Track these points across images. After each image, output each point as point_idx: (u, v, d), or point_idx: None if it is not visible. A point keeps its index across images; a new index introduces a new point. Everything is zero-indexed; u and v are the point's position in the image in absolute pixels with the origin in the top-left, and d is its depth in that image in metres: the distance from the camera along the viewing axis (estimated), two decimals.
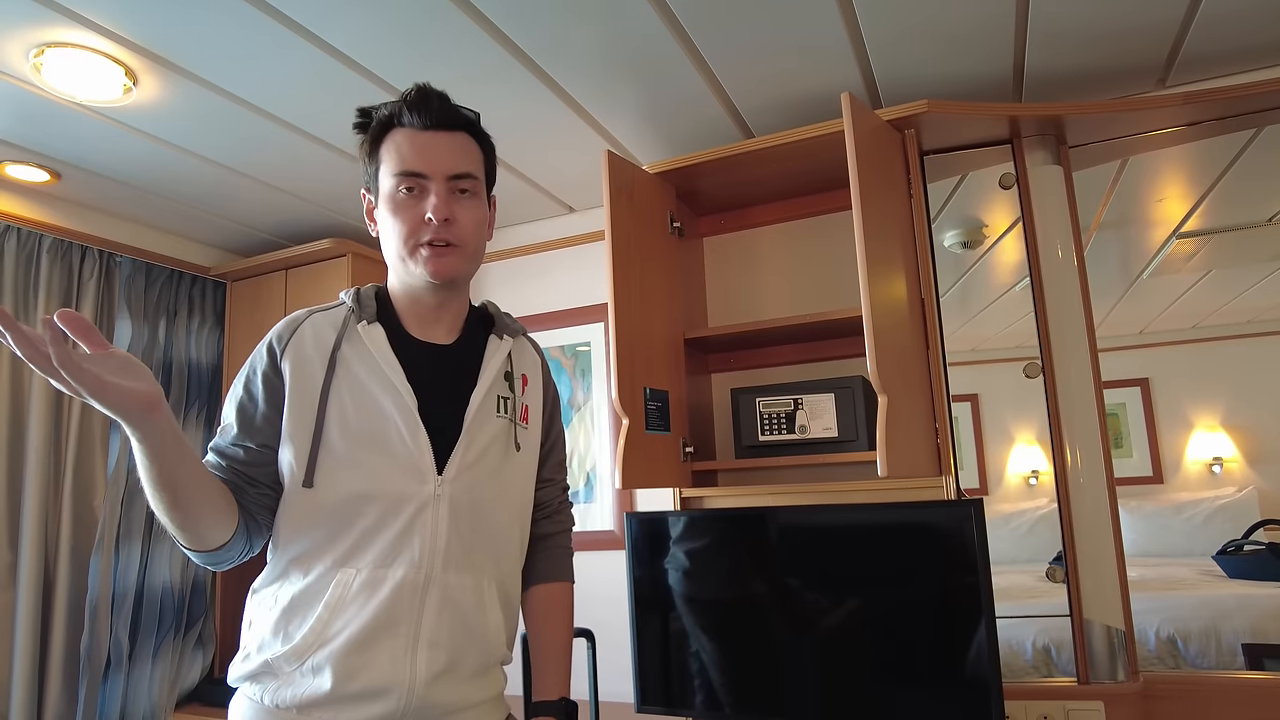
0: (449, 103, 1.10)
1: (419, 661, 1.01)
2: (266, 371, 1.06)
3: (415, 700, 1.00)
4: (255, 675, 1.02)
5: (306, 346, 1.06)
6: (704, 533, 1.87)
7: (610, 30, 1.68)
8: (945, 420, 1.75)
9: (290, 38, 1.64)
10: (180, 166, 2.21)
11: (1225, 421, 1.91)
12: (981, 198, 2.00)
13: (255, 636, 1.03)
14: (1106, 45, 1.81)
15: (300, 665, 0.99)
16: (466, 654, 1.05)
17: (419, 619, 1.02)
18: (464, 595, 1.06)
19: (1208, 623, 1.81)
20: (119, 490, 2.43)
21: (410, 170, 1.06)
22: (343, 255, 2.59)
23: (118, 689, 2.39)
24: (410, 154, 1.06)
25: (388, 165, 1.08)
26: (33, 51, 1.64)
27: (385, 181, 1.08)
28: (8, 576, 2.17)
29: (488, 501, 1.10)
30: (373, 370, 1.06)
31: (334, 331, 1.08)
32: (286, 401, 1.04)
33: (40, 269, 2.32)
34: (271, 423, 1.05)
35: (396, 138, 1.08)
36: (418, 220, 1.06)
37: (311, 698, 0.98)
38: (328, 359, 1.05)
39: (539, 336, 2.64)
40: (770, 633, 1.76)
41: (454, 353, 1.14)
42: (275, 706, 0.99)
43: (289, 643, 0.99)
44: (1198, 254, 1.97)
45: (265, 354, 1.07)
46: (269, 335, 1.09)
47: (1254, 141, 1.88)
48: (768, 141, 1.91)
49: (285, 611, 1.01)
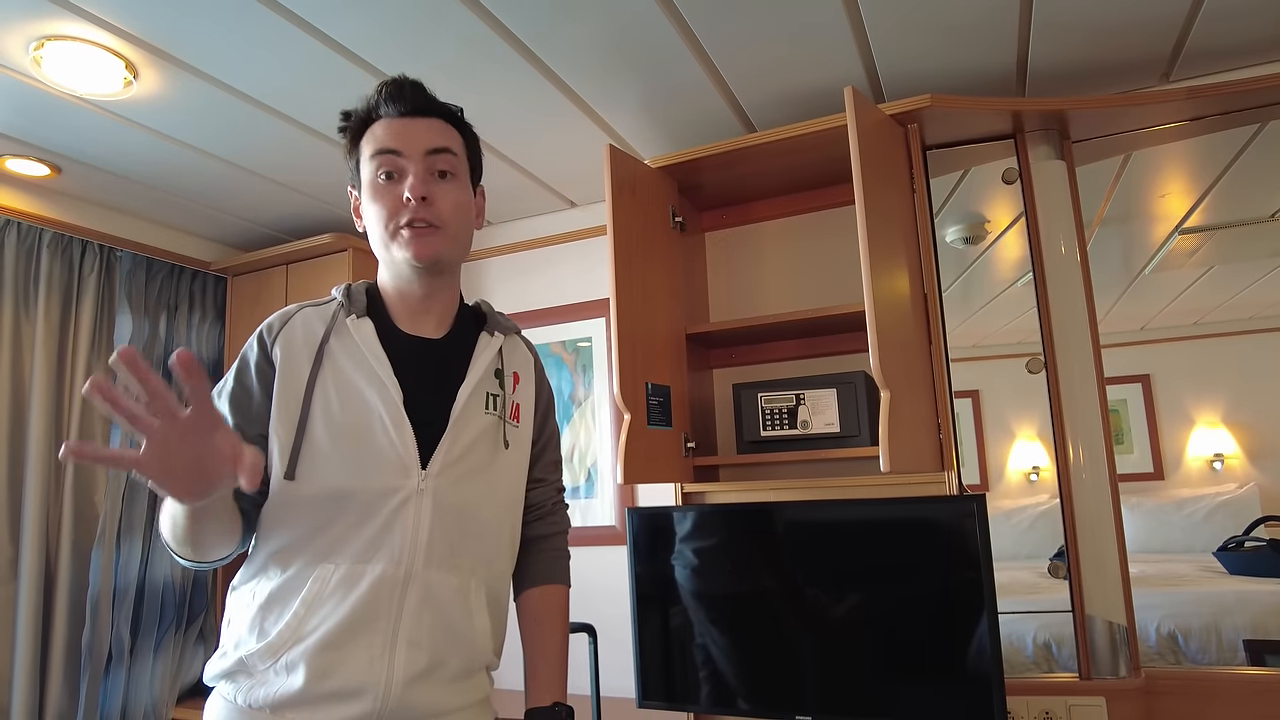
0: (424, 90, 1.10)
1: (397, 661, 0.98)
2: (259, 362, 1.06)
3: (392, 701, 0.97)
4: (230, 674, 1.00)
5: (296, 339, 1.06)
6: (705, 528, 1.87)
7: (612, 23, 1.67)
8: (947, 416, 1.75)
9: (291, 31, 1.64)
10: (181, 161, 2.21)
11: (1226, 418, 1.90)
12: (984, 193, 2.00)
13: (233, 634, 1.02)
14: (1110, 39, 1.81)
15: (274, 663, 0.97)
16: (449, 656, 1.03)
17: (398, 617, 0.99)
18: (448, 595, 1.03)
19: (1209, 619, 1.81)
20: (120, 485, 2.42)
21: (385, 148, 1.05)
22: (344, 250, 2.58)
23: (119, 684, 2.39)
24: (385, 135, 1.06)
25: (366, 152, 1.08)
26: (33, 44, 1.64)
27: (365, 170, 1.08)
28: (9, 571, 2.17)
29: (474, 499, 1.08)
30: (359, 363, 1.05)
31: (323, 325, 1.07)
32: (275, 392, 1.03)
33: (41, 264, 2.32)
34: (268, 412, 1.04)
35: (375, 129, 1.08)
36: (396, 202, 1.04)
37: (284, 697, 0.96)
38: (315, 351, 1.05)
39: (541, 331, 2.64)
40: (772, 628, 1.76)
41: (443, 347, 1.12)
42: (249, 706, 0.97)
43: (264, 639, 0.98)
44: (1200, 250, 1.97)
45: (256, 345, 1.07)
46: (260, 327, 1.09)
47: (1258, 137, 1.87)
48: (770, 136, 1.90)
49: (262, 608, 0.99)
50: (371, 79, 1.83)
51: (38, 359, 2.28)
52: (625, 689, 2.26)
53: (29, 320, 2.29)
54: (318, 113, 1.98)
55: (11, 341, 2.24)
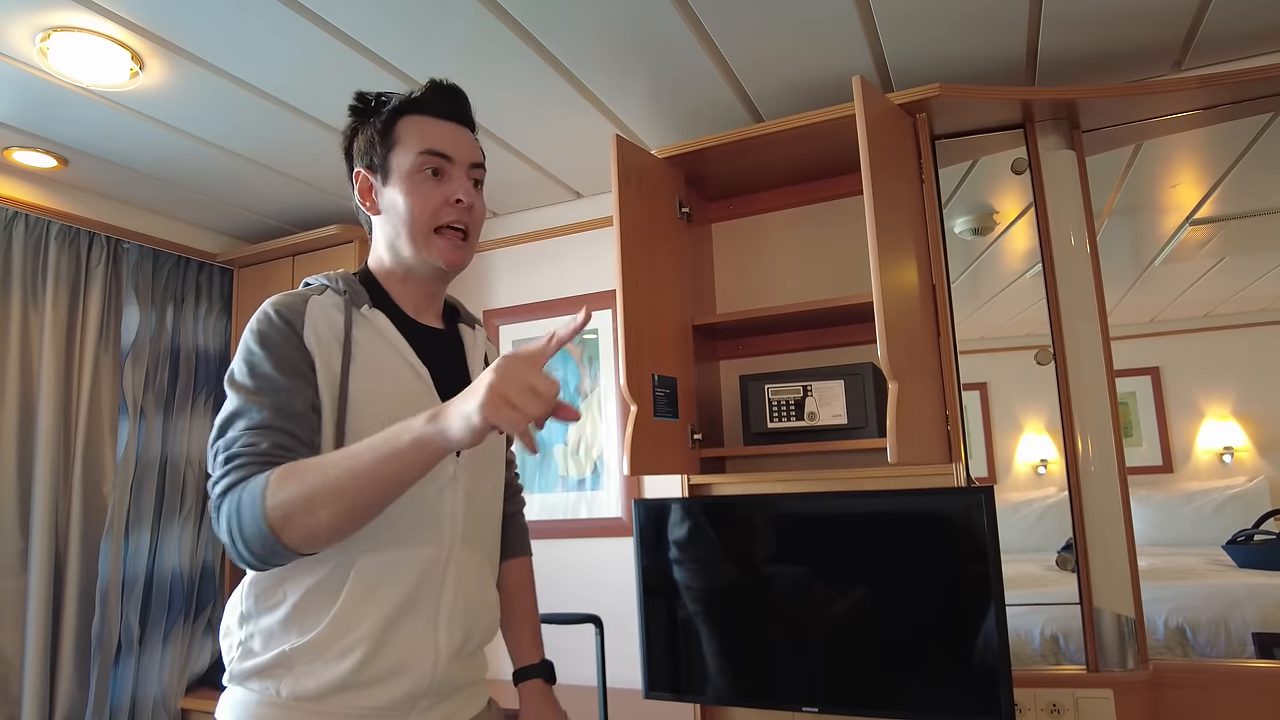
0: (468, 101, 1.15)
1: (439, 639, 1.02)
2: (296, 343, 0.99)
3: (437, 677, 1.01)
4: (265, 670, 0.97)
5: (321, 329, 1.02)
6: (712, 519, 1.87)
7: (619, 13, 1.66)
8: (956, 407, 1.74)
9: (296, 21, 1.63)
10: (187, 152, 2.21)
11: (1236, 410, 1.89)
12: (993, 183, 1.99)
13: (257, 629, 0.99)
14: (1122, 27, 1.79)
15: (325, 654, 0.96)
16: (474, 630, 1.08)
17: (439, 596, 1.03)
18: (471, 573, 1.08)
19: (1217, 612, 1.81)
20: (128, 476, 2.44)
21: (438, 150, 1.07)
22: (349, 241, 2.59)
23: (128, 673, 2.41)
24: (437, 136, 1.08)
25: (410, 144, 1.08)
26: (39, 36, 1.64)
27: (404, 159, 1.07)
28: (19, 562, 2.18)
29: (485, 481, 1.13)
30: (386, 353, 1.05)
31: (340, 315, 1.04)
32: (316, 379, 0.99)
33: (48, 255, 2.32)
34: (314, 387, 0.99)
35: (419, 122, 1.09)
36: (440, 201, 1.07)
37: (333, 684, 0.96)
38: (342, 342, 1.02)
39: (546, 323, 2.65)
40: (779, 619, 1.76)
41: (446, 336, 1.16)
42: (294, 699, 0.96)
43: (307, 633, 0.96)
44: (1211, 241, 1.95)
45: (284, 326, 0.99)
46: (274, 311, 1.00)
47: (1270, 126, 1.85)
48: (777, 126, 1.89)
49: (301, 602, 0.98)
50: (377, 69, 1.82)
51: (45, 350, 2.28)
52: (632, 680, 2.26)
53: (37, 311, 2.29)
54: (323, 104, 1.98)
55: (20, 333, 2.25)
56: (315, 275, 1.10)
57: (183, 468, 2.63)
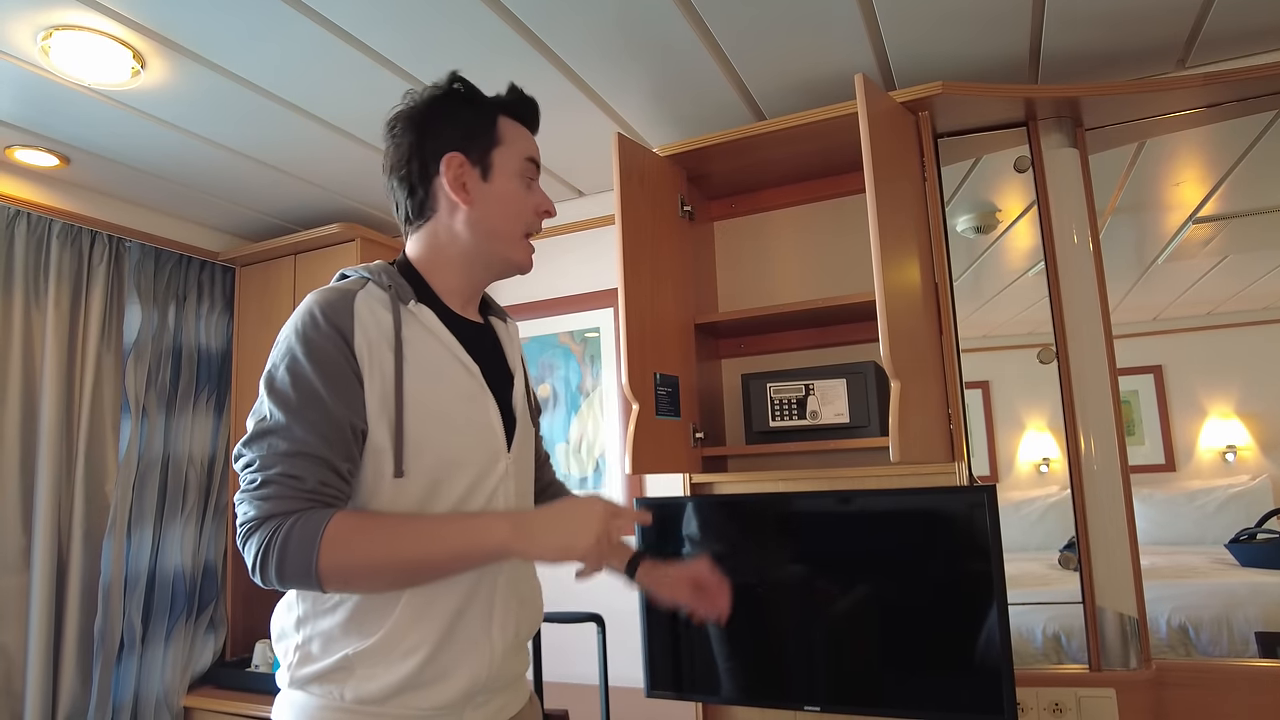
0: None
1: (495, 633, 1.03)
2: (345, 353, 0.96)
3: (493, 671, 1.03)
4: (326, 674, 0.96)
5: (371, 331, 0.98)
6: (714, 518, 1.87)
7: (620, 10, 1.66)
8: (958, 405, 1.74)
9: (298, 19, 1.63)
10: (189, 150, 2.21)
11: (1239, 409, 1.89)
12: (996, 181, 1.98)
13: (315, 632, 0.98)
14: (1126, 24, 1.78)
15: (388, 656, 0.96)
16: (524, 621, 1.09)
17: (494, 592, 1.04)
18: (521, 566, 1.10)
19: (1220, 611, 1.81)
20: (130, 475, 2.44)
21: (538, 160, 1.15)
22: (351, 240, 2.59)
23: (131, 671, 2.41)
24: (533, 146, 1.15)
25: (515, 146, 1.12)
26: (41, 34, 1.64)
27: (509, 160, 1.10)
28: (22, 560, 2.18)
29: (526, 470, 1.16)
30: (436, 351, 1.04)
31: (388, 313, 1.01)
32: (366, 389, 0.97)
33: (50, 254, 2.33)
34: (364, 404, 0.97)
35: (517, 127, 1.14)
36: (533, 209, 1.13)
37: (397, 685, 0.96)
38: (393, 343, 1.00)
39: (548, 322, 2.64)
40: (781, 618, 1.76)
41: (487, 331, 1.17)
42: (357, 702, 0.96)
43: (369, 637, 0.96)
44: (1214, 239, 1.95)
45: (335, 335, 0.96)
46: (323, 317, 0.96)
47: (1274, 124, 1.85)
48: (779, 124, 1.89)
49: (362, 604, 0.97)
50: (379, 68, 1.82)
51: (48, 349, 2.29)
52: (634, 679, 2.26)
53: (39, 310, 2.30)
54: (325, 102, 1.98)
55: (22, 331, 2.25)
56: (351, 267, 1.08)
57: (185, 466, 2.63)
